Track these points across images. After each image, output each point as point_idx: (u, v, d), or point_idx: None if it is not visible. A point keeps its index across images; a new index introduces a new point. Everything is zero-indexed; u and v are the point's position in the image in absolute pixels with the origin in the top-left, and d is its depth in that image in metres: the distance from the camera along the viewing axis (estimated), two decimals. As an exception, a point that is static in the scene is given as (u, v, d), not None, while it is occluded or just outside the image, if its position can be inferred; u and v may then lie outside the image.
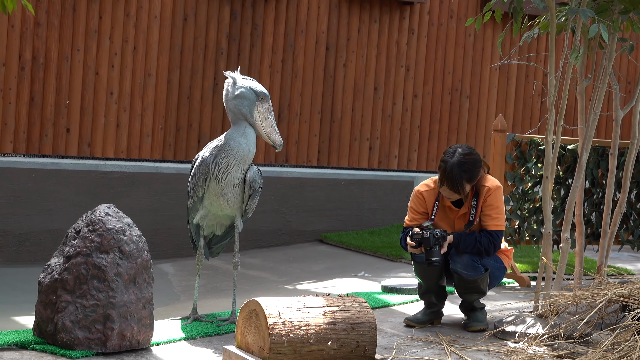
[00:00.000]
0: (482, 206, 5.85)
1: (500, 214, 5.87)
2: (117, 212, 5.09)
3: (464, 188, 5.80)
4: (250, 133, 5.58)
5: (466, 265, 5.82)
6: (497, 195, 5.85)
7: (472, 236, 5.83)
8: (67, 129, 8.89)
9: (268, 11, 9.64)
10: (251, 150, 5.56)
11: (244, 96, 5.56)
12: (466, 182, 5.80)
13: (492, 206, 5.85)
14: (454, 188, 5.79)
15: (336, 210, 9.75)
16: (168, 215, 8.95)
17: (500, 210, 5.86)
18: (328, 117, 9.98)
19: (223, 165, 5.53)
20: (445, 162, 5.80)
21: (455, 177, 5.77)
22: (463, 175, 5.77)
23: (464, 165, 5.77)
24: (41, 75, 8.79)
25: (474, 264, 5.84)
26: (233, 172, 5.55)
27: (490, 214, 5.86)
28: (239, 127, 5.57)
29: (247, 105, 5.55)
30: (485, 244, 5.83)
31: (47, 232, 8.53)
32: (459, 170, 5.77)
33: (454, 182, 5.78)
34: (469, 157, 5.80)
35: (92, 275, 4.93)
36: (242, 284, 7.71)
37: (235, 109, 5.56)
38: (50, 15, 8.78)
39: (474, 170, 5.79)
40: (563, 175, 7.73)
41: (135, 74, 9.14)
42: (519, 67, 10.81)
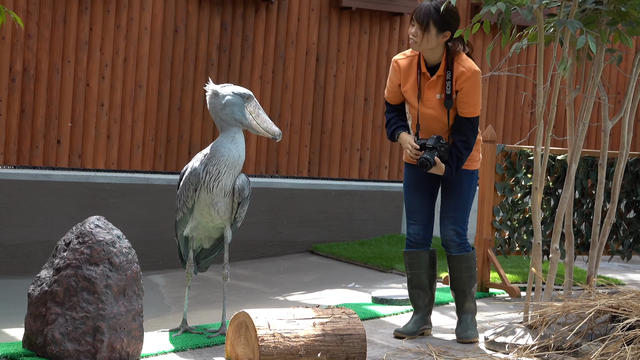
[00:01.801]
0: (459, 92, 5.75)
1: (478, 100, 5.78)
2: (106, 224, 5.09)
3: (430, 29, 5.71)
4: (239, 139, 5.58)
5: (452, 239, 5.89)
6: (475, 81, 5.74)
7: (455, 155, 5.77)
8: (58, 141, 8.89)
9: (258, 22, 9.65)
10: (241, 156, 5.57)
11: (233, 103, 5.57)
12: (433, 23, 5.71)
13: (469, 93, 5.75)
14: (419, 19, 5.70)
15: (327, 221, 9.75)
16: (159, 226, 8.94)
17: (477, 97, 5.77)
18: (318, 127, 9.99)
19: (214, 172, 5.53)
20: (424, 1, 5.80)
21: (425, 11, 5.71)
22: (433, 12, 5.70)
23: (438, 5, 5.72)
24: (32, 87, 8.78)
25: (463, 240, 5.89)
26: (224, 179, 5.55)
27: (467, 101, 5.76)
28: (228, 134, 5.58)
29: (238, 110, 5.57)
30: (467, 139, 5.76)
31: (38, 244, 8.52)
32: (431, 6, 5.72)
33: (420, 15, 5.71)
34: (448, 5, 5.75)
35: (82, 287, 4.92)
36: (232, 295, 7.70)
37: (228, 117, 5.57)
38: (40, 27, 8.78)
39: (444, 16, 5.71)
40: (553, 185, 7.74)
41: (126, 85, 9.14)
42: (509, 77, 10.84)
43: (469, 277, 5.99)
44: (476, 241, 7.65)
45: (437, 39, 5.75)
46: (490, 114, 10.83)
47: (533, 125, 10.91)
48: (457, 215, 5.91)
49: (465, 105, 5.77)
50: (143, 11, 9.17)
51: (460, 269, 5.97)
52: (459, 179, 5.89)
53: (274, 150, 9.79)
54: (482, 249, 7.59)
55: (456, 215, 5.91)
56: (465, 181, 5.90)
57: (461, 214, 5.91)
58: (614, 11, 5.99)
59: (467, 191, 5.91)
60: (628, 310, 5.30)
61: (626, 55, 10.60)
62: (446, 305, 7.10)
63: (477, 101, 5.78)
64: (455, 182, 5.90)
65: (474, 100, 5.76)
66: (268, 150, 9.79)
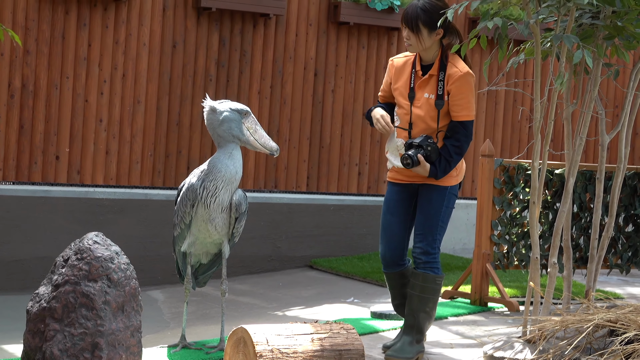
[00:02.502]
0: (451, 94, 5.66)
1: (470, 102, 5.69)
2: (105, 240, 5.09)
3: (420, 30, 5.67)
4: (237, 155, 5.59)
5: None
6: (467, 83, 5.67)
7: (444, 157, 5.66)
8: (57, 157, 8.89)
9: (257, 38, 9.67)
10: (238, 172, 5.57)
11: (230, 119, 5.57)
12: (423, 25, 5.66)
13: (460, 93, 5.66)
14: (409, 24, 5.67)
15: (325, 235, 9.75)
16: (158, 242, 8.94)
17: (470, 99, 5.68)
18: (317, 142, 9.99)
19: (211, 188, 5.54)
20: (414, 1, 5.76)
21: (412, 13, 5.67)
22: (420, 13, 5.66)
23: (425, 5, 5.67)
24: (30, 103, 8.79)
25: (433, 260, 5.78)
26: (221, 194, 5.56)
27: (459, 103, 5.67)
28: (225, 150, 5.59)
29: (236, 126, 5.57)
30: (460, 144, 5.66)
31: (37, 260, 8.52)
32: (417, 7, 5.68)
33: (408, 18, 5.67)
34: (435, 2, 5.70)
35: (81, 303, 4.92)
36: (231, 310, 7.70)
37: (226, 134, 5.58)
38: (39, 43, 8.80)
39: (433, 14, 5.65)
40: (551, 199, 7.74)
41: (125, 101, 9.15)
42: (506, 92, 10.85)
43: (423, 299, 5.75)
44: (475, 255, 7.65)
45: (431, 38, 5.71)
46: (488, 128, 10.84)
47: (531, 139, 10.92)
48: (425, 233, 5.73)
49: (457, 107, 5.67)
50: (141, 27, 9.18)
51: (416, 287, 5.76)
52: (428, 196, 5.75)
53: (272, 165, 9.80)
54: (481, 263, 7.59)
55: (424, 233, 5.73)
56: (435, 198, 5.74)
57: (430, 231, 5.73)
58: (610, 26, 6.01)
59: (437, 208, 5.74)
60: (626, 324, 5.30)
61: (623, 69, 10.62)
62: (445, 319, 7.09)
63: (469, 103, 5.68)
64: (426, 199, 5.75)
65: (466, 102, 5.67)
66: (267, 165, 9.80)
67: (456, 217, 10.51)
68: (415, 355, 5.71)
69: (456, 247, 10.48)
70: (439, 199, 5.75)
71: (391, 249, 5.83)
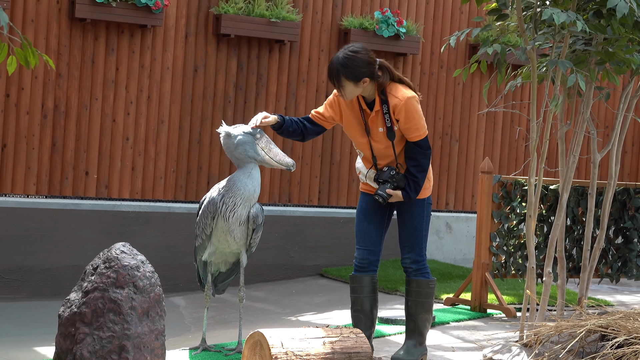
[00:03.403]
0: (399, 121, 5.56)
1: (419, 123, 5.57)
2: (131, 250, 5.10)
3: (342, 84, 5.50)
4: (255, 175, 5.59)
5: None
6: (410, 108, 5.54)
7: (410, 180, 5.61)
8: (86, 172, 8.91)
9: (272, 62, 9.69)
10: (256, 190, 5.58)
11: (244, 142, 5.57)
12: (345, 78, 5.49)
13: (408, 120, 5.55)
14: (331, 79, 5.53)
15: (336, 246, 9.75)
16: (180, 251, 8.95)
17: (417, 121, 5.56)
18: (328, 159, 10.00)
19: (230, 204, 5.55)
20: (335, 56, 5.58)
21: (333, 70, 5.51)
22: (341, 69, 5.47)
23: (344, 61, 5.49)
24: (62, 123, 8.82)
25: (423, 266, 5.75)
26: (239, 210, 5.56)
27: (409, 127, 5.57)
28: (245, 170, 5.59)
29: (250, 148, 5.57)
30: (418, 162, 5.60)
31: (67, 268, 8.53)
32: (337, 64, 5.50)
33: (331, 75, 5.52)
34: (353, 54, 5.51)
35: (109, 308, 4.92)
36: (247, 315, 7.70)
37: (242, 155, 5.58)
38: (70, 67, 8.83)
39: (354, 69, 5.47)
40: (546, 213, 7.73)
41: (150, 121, 9.17)
42: (504, 113, 10.85)
43: (422, 303, 5.76)
44: (475, 265, 7.64)
45: (358, 87, 5.56)
46: (487, 147, 10.83)
47: (527, 157, 10.91)
48: (413, 244, 5.74)
49: (408, 131, 5.59)
50: (165, 52, 9.21)
51: (411, 293, 5.76)
52: (409, 209, 5.73)
53: (286, 180, 9.81)
54: (481, 273, 7.58)
55: (411, 244, 5.74)
56: (416, 210, 5.73)
57: (416, 241, 5.74)
58: (602, 52, 6.01)
59: (419, 219, 5.74)
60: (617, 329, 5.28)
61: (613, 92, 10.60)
62: (447, 324, 7.08)
63: (418, 125, 5.58)
64: (407, 212, 5.74)
65: (415, 124, 5.57)
66: (281, 181, 9.81)
67: (457, 230, 10.50)
68: (420, 356, 5.70)
69: (457, 258, 10.47)
70: (419, 211, 5.75)
71: (370, 254, 5.80)
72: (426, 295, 5.76)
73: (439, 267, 9.68)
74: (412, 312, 5.76)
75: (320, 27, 9.96)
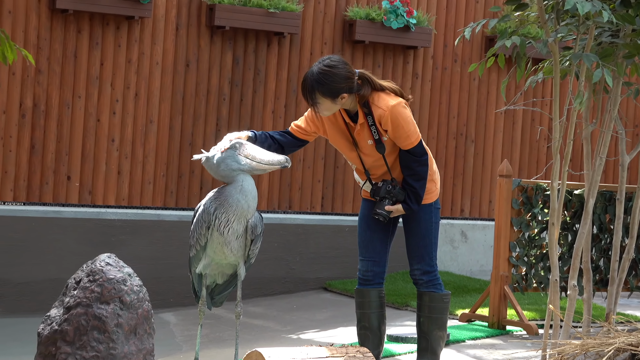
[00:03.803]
0: (389, 132, 5.55)
1: (409, 131, 5.56)
2: (117, 262, 5.10)
3: (318, 101, 5.49)
4: (247, 187, 5.54)
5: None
6: (397, 116, 5.53)
7: (409, 190, 5.61)
8: (68, 177, 8.92)
9: (270, 56, 9.70)
10: (250, 205, 5.54)
11: (224, 158, 5.54)
12: (321, 95, 5.49)
13: (396, 129, 5.55)
14: (305, 96, 5.52)
15: (340, 257, 9.75)
16: (170, 263, 8.95)
17: (407, 128, 5.55)
18: (332, 162, 10.00)
19: (223, 220, 5.55)
20: (309, 71, 5.55)
21: (307, 87, 5.49)
22: (316, 86, 5.46)
23: (319, 76, 5.47)
24: (42, 123, 8.83)
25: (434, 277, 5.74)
26: (234, 225, 5.55)
27: (398, 136, 5.57)
28: (235, 184, 5.56)
29: (232, 161, 5.53)
30: (413, 171, 5.59)
31: (47, 282, 8.53)
32: (312, 80, 5.48)
33: (305, 91, 5.51)
34: (328, 69, 5.48)
35: (93, 326, 4.92)
36: (244, 333, 7.69)
37: (227, 172, 5.55)
38: (51, 62, 8.84)
39: (331, 84, 5.46)
40: (570, 220, 7.73)
41: (137, 120, 9.19)
42: (524, 112, 10.85)
43: (436, 319, 5.75)
44: (492, 277, 7.64)
45: (336, 104, 5.56)
46: (506, 148, 10.84)
47: (549, 159, 10.92)
48: (422, 254, 5.75)
49: (399, 140, 5.60)
50: (154, 46, 9.23)
51: (424, 308, 5.76)
52: (415, 216, 5.74)
53: (286, 185, 9.81)
54: (499, 286, 7.57)
55: (421, 254, 5.75)
56: (423, 217, 5.74)
57: (426, 251, 5.75)
58: (630, 44, 6.01)
59: (427, 226, 5.75)
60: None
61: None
62: (462, 343, 7.07)
63: (408, 132, 5.58)
64: (413, 219, 5.75)
65: (405, 132, 5.58)
66: (281, 186, 9.81)
67: (473, 239, 10.49)
68: None
69: (473, 269, 10.46)
70: (426, 217, 5.77)
71: (375, 265, 5.83)
72: (440, 310, 5.76)
73: (453, 280, 9.68)
74: (425, 329, 5.76)
75: (323, 18, 9.97)
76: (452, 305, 8.27)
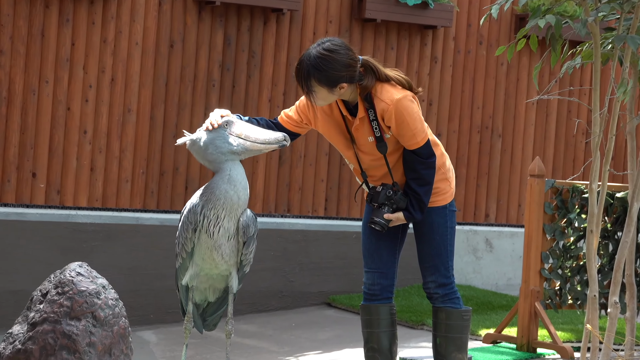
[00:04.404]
0: (392, 129, 5.57)
1: (415, 128, 5.58)
2: (90, 272, 5.12)
3: (313, 89, 5.51)
4: (236, 176, 5.55)
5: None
6: (401, 112, 5.54)
7: (412, 196, 5.63)
8: (33, 174, 8.94)
9: (267, 36, 9.72)
10: (241, 197, 5.55)
11: (213, 138, 5.56)
12: (317, 83, 5.50)
13: (400, 126, 5.57)
14: (300, 81, 5.53)
15: (346, 268, 9.76)
16: (150, 274, 8.97)
17: (412, 125, 5.57)
18: (337, 160, 10.02)
19: (212, 217, 5.55)
20: (305, 53, 5.56)
21: (303, 71, 5.52)
22: (312, 71, 5.48)
23: (318, 61, 5.49)
24: (3, 111, 8.85)
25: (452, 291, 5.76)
26: (225, 223, 5.56)
27: (403, 134, 5.59)
28: (222, 173, 5.57)
29: (222, 142, 5.53)
30: (418, 175, 5.60)
31: (9, 294, 8.55)
32: (308, 64, 5.50)
33: (300, 76, 5.52)
34: (328, 54, 5.50)
35: (61, 345, 4.94)
36: (236, 355, 7.71)
37: (214, 155, 5.55)
38: (14, 42, 8.86)
39: (329, 72, 5.47)
40: (611, 228, 7.74)
41: (113, 109, 9.20)
42: (559, 102, 10.86)
43: (454, 340, 5.76)
44: (522, 293, 7.65)
45: (333, 94, 5.59)
46: (538, 144, 10.85)
47: (588, 157, 10.93)
48: (436, 264, 5.77)
49: (403, 139, 5.63)
50: (133, 23, 9.24)
51: (440, 327, 5.78)
52: (428, 220, 5.76)
53: (285, 185, 9.83)
54: (529, 302, 7.59)
55: (435, 264, 5.78)
56: (437, 221, 5.77)
57: (440, 261, 5.78)
58: (682, 25, 6.02)
59: (441, 232, 5.78)
60: (700, 375, 5.29)
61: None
62: None
63: (414, 131, 5.61)
64: (425, 224, 5.77)
65: (410, 131, 5.60)
66: (278, 186, 9.83)
67: (500, 248, 10.51)
68: None
69: (499, 283, 10.48)
70: (440, 222, 5.79)
71: (382, 277, 5.84)
72: (459, 329, 5.77)
73: (476, 295, 9.69)
74: (442, 351, 5.78)
75: (329, -8, 9.99)
76: (475, 324, 8.29)
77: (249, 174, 9.56)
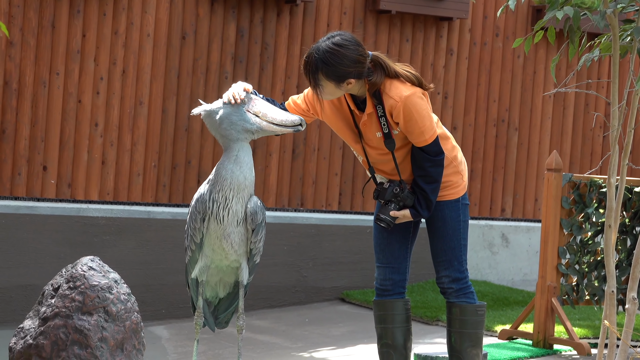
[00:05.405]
0: (400, 126, 5.58)
1: (424, 125, 5.58)
2: (102, 266, 5.13)
3: (320, 83, 5.52)
4: (243, 157, 5.55)
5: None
6: (410, 108, 5.55)
7: (419, 193, 5.65)
8: (44, 167, 8.96)
9: (281, 28, 9.72)
10: (247, 177, 5.55)
11: (229, 113, 5.54)
12: (325, 77, 5.52)
13: (408, 123, 5.58)
14: (307, 75, 5.55)
15: (360, 263, 9.76)
16: (162, 268, 8.98)
17: (421, 123, 5.57)
18: (351, 153, 10.02)
19: (221, 200, 5.55)
20: (314, 46, 5.58)
21: (311, 65, 5.53)
22: (320, 65, 5.49)
23: (326, 55, 5.50)
24: (14, 104, 8.87)
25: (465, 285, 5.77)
26: (234, 205, 5.56)
27: (411, 131, 5.59)
28: (229, 153, 5.57)
29: (239, 118, 5.53)
30: (425, 172, 5.62)
31: (20, 289, 8.57)
32: (317, 59, 5.52)
33: (307, 70, 5.53)
34: (338, 49, 5.51)
35: (73, 340, 4.96)
36: (248, 350, 7.72)
37: (228, 131, 5.53)
38: (25, 34, 8.87)
39: (337, 67, 5.48)
40: (629, 223, 7.73)
41: (125, 102, 9.21)
42: (577, 95, 10.84)
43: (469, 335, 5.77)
44: (538, 288, 7.65)
45: (340, 89, 5.60)
46: (555, 138, 10.83)
47: (606, 151, 10.91)
48: (450, 258, 5.78)
49: (411, 135, 5.63)
50: (145, 15, 9.25)
51: (454, 322, 5.79)
52: (440, 214, 5.77)
53: (298, 179, 9.83)
54: (546, 298, 7.58)
55: (448, 259, 5.79)
56: (449, 214, 5.78)
57: (454, 254, 5.79)
58: (702, 17, 6.00)
59: (454, 226, 5.78)
60: None
61: None
62: None
63: (423, 128, 5.61)
64: (437, 218, 5.78)
65: (419, 128, 5.60)
66: (291, 180, 9.83)
67: (516, 243, 10.50)
68: None
69: (515, 279, 10.47)
70: (453, 215, 5.79)
71: (393, 272, 5.85)
72: (474, 324, 5.78)
73: (492, 291, 9.69)
74: (457, 347, 5.79)
75: (343, -17, 9.98)
76: (491, 320, 8.28)
77: (262, 168, 9.57)
